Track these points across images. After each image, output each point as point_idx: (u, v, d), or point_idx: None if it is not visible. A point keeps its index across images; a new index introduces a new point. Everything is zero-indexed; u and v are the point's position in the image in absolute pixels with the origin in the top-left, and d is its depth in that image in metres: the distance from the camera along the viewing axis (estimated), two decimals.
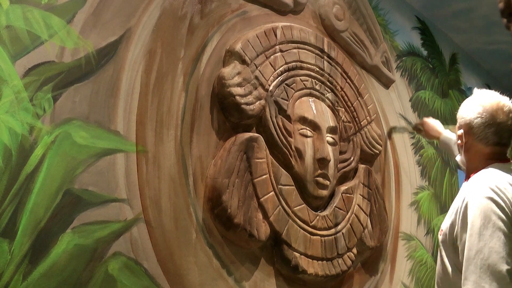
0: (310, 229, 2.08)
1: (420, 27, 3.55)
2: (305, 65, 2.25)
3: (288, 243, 1.98)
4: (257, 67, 2.02)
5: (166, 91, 1.78)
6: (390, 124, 2.91)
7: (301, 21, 2.38)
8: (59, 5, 1.53)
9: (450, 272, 1.72)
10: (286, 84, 2.13)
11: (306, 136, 2.14)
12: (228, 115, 1.94)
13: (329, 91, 2.35)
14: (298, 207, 2.06)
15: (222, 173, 1.83)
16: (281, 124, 2.06)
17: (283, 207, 2.00)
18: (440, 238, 1.80)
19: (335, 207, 2.23)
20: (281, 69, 2.12)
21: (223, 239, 1.84)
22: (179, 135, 1.79)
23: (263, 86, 2.02)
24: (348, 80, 2.48)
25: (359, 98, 2.52)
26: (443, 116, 3.52)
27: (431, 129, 2.60)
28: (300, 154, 2.10)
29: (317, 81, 2.29)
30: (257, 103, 1.97)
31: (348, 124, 2.41)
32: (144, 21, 1.76)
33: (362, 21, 2.74)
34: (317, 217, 2.13)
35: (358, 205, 2.35)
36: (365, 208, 2.38)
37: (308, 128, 2.15)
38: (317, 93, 2.28)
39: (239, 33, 2.06)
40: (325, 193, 2.18)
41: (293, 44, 2.22)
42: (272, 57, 2.10)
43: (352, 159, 2.39)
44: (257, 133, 2.00)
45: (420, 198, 3.05)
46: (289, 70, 2.16)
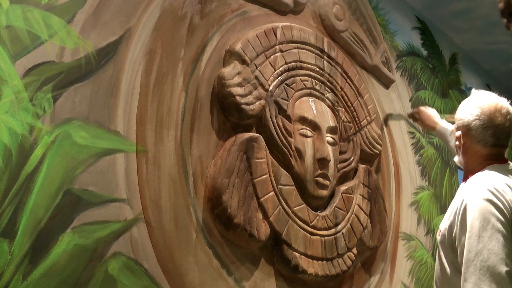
0: (310, 229, 2.08)
1: (420, 27, 3.55)
2: (305, 65, 2.25)
3: (288, 243, 1.98)
4: (257, 67, 2.02)
5: (166, 91, 1.78)
6: (390, 124, 2.91)
7: (301, 21, 2.38)
8: (59, 5, 1.53)
9: (449, 272, 1.73)
10: (286, 84, 2.13)
11: (306, 136, 2.14)
12: (228, 115, 1.94)
13: (329, 91, 2.35)
14: (298, 207, 2.06)
15: (222, 173, 1.83)
16: (281, 124, 2.06)
17: (283, 207, 2.00)
18: (438, 238, 1.81)
19: (335, 207, 2.23)
20: (281, 69, 2.12)
21: (223, 239, 1.84)
22: (179, 135, 1.79)
23: (263, 86, 2.02)
24: (348, 80, 2.48)
25: (359, 98, 2.52)
26: None
27: (427, 119, 2.59)
28: (300, 154, 2.10)
29: (317, 81, 2.29)
30: (257, 103, 1.97)
31: (348, 124, 2.41)
32: (144, 21, 1.76)
33: (362, 21, 2.74)
34: (317, 217, 2.13)
35: (358, 205, 2.35)
36: (365, 208, 2.38)
37: (308, 128, 2.15)
38: (317, 93, 2.28)
39: (239, 33, 2.06)
40: (325, 193, 2.18)
41: (293, 44, 2.22)
42: (272, 57, 2.10)
43: (352, 159, 2.39)
44: (257, 133, 2.00)
45: (420, 198, 3.05)
46: (289, 70, 2.16)
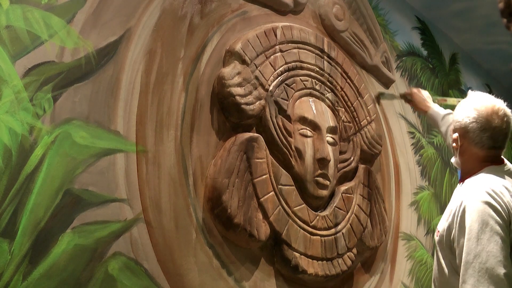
0: (310, 229, 2.08)
1: (420, 27, 3.55)
2: (305, 65, 2.25)
3: (288, 243, 1.98)
4: (257, 67, 2.02)
5: (166, 91, 1.78)
6: (390, 124, 2.91)
7: (301, 21, 2.38)
8: (59, 5, 1.53)
9: (447, 273, 1.74)
10: (286, 84, 2.13)
11: (306, 136, 2.14)
12: (228, 115, 1.94)
13: (329, 91, 2.35)
14: (298, 207, 2.06)
15: (222, 173, 1.83)
16: (281, 124, 2.06)
17: (283, 207, 1.99)
18: (436, 239, 1.81)
19: (335, 207, 2.23)
20: (281, 69, 2.12)
21: (223, 239, 1.84)
22: (179, 135, 1.79)
23: (263, 86, 2.02)
24: (348, 80, 2.48)
25: (359, 98, 2.52)
26: None
27: (419, 102, 2.59)
28: (300, 154, 2.10)
29: (317, 81, 2.29)
30: (257, 103, 1.97)
31: (348, 124, 2.41)
32: (144, 21, 1.76)
33: (362, 21, 2.74)
34: (317, 217, 2.13)
35: (358, 205, 2.35)
36: (365, 208, 2.38)
37: (308, 128, 2.14)
38: (317, 93, 2.27)
39: (239, 33, 2.06)
40: (325, 193, 2.18)
41: (293, 44, 2.22)
42: (272, 57, 2.10)
43: (352, 159, 2.39)
44: (257, 133, 2.00)
45: (420, 198, 3.05)
46: (289, 70, 2.16)
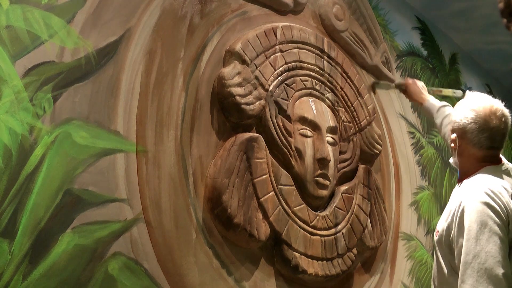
0: (310, 229, 2.08)
1: (420, 27, 3.55)
2: (305, 65, 2.25)
3: (288, 243, 1.98)
4: (257, 67, 2.02)
5: (166, 91, 1.78)
6: (390, 124, 2.91)
7: (301, 21, 2.38)
8: (59, 5, 1.53)
9: (446, 273, 1.75)
10: (286, 84, 2.13)
11: (306, 136, 2.14)
12: (228, 115, 1.94)
13: (329, 91, 2.35)
14: (298, 207, 2.06)
15: (222, 173, 1.83)
16: (281, 124, 2.06)
17: (283, 207, 1.99)
18: (435, 239, 1.82)
19: (335, 207, 2.23)
20: (281, 69, 2.12)
21: (223, 239, 1.84)
22: (179, 135, 1.79)
23: (263, 86, 2.02)
24: (348, 80, 2.48)
25: (359, 98, 2.52)
26: None
27: (415, 93, 2.57)
28: (300, 154, 2.10)
29: (317, 81, 2.29)
30: (257, 103, 1.97)
31: (348, 124, 2.41)
32: (144, 21, 1.76)
33: (362, 21, 2.74)
34: (317, 217, 2.13)
35: (358, 205, 2.35)
36: (365, 208, 2.38)
37: (308, 128, 2.14)
38: (317, 93, 2.27)
39: (239, 33, 2.06)
40: (325, 193, 2.18)
41: (293, 44, 2.22)
42: (272, 57, 2.10)
43: (352, 159, 2.39)
44: (257, 133, 2.00)
45: (420, 198, 3.05)
46: (289, 70, 2.16)
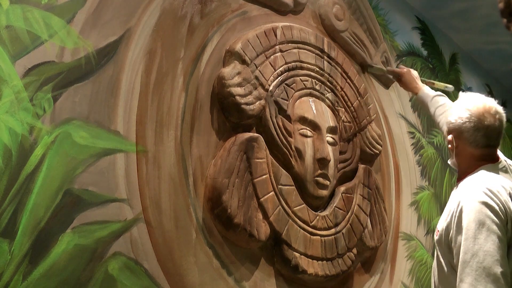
0: (310, 229, 2.08)
1: (420, 27, 3.55)
2: (305, 65, 2.25)
3: (288, 243, 1.98)
4: (257, 67, 2.02)
5: (166, 91, 1.78)
6: (390, 124, 2.91)
7: (301, 21, 2.38)
8: (59, 5, 1.53)
9: (446, 272, 1.75)
10: (286, 84, 2.13)
11: (306, 136, 2.14)
12: (228, 115, 1.94)
13: (329, 91, 2.35)
14: (298, 207, 2.06)
15: (222, 173, 1.83)
16: (281, 124, 2.06)
17: (283, 207, 1.99)
18: (436, 238, 1.83)
19: (335, 207, 2.23)
20: (281, 69, 2.12)
21: (223, 239, 1.84)
22: (179, 135, 1.79)
23: (263, 86, 2.02)
24: (348, 80, 2.48)
25: (359, 98, 2.52)
26: None
27: (409, 83, 2.59)
28: (300, 154, 2.10)
29: (317, 81, 2.29)
30: (257, 103, 1.97)
31: (348, 124, 2.41)
32: (144, 21, 1.76)
33: (362, 21, 2.74)
34: (317, 217, 2.13)
35: (358, 205, 2.35)
36: (365, 208, 2.38)
37: (308, 128, 2.15)
38: (317, 93, 2.27)
39: (239, 33, 2.06)
40: (325, 193, 2.18)
41: (293, 44, 2.22)
42: (272, 57, 2.10)
43: (352, 159, 2.39)
44: (257, 133, 2.00)
45: (420, 198, 3.05)
46: (289, 70, 2.16)
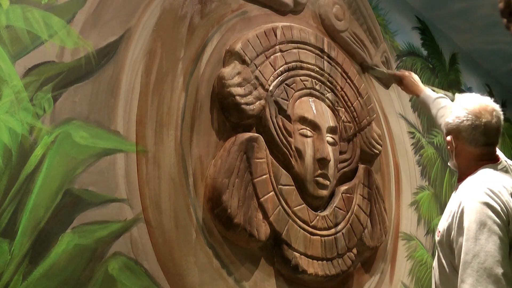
0: (310, 229, 2.08)
1: (420, 27, 3.55)
2: (305, 65, 2.25)
3: (288, 243, 1.98)
4: (257, 67, 2.02)
5: (166, 91, 1.78)
6: (390, 124, 2.91)
7: (301, 21, 2.38)
8: (59, 5, 1.53)
9: (448, 272, 1.75)
10: (286, 84, 2.13)
11: (306, 136, 2.14)
12: (228, 115, 1.94)
13: (329, 91, 2.35)
14: (298, 207, 2.06)
15: (222, 173, 1.83)
16: (281, 124, 2.06)
17: (283, 207, 1.99)
18: (437, 239, 1.82)
19: (335, 207, 2.23)
20: (281, 69, 2.12)
21: (223, 239, 1.84)
22: (179, 135, 1.79)
23: (263, 86, 2.02)
24: (348, 80, 2.48)
25: (359, 98, 2.52)
26: None
27: (411, 85, 2.58)
28: (300, 154, 2.10)
29: (317, 81, 2.29)
30: (257, 103, 1.97)
31: (348, 124, 2.41)
32: (144, 21, 1.76)
33: (362, 21, 2.74)
34: (317, 217, 2.13)
35: (358, 205, 2.35)
36: (365, 208, 2.38)
37: (308, 128, 2.15)
38: (317, 93, 2.27)
39: (239, 33, 2.06)
40: (325, 193, 2.18)
41: (293, 44, 2.22)
42: (272, 57, 2.10)
43: (352, 159, 2.39)
44: (257, 133, 2.00)
45: (420, 198, 3.05)
46: (289, 70, 2.16)
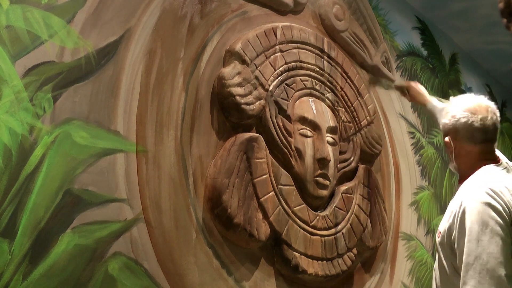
0: (310, 229, 2.08)
1: (420, 27, 3.55)
2: (305, 65, 2.25)
3: (288, 243, 1.98)
4: (257, 67, 2.02)
5: (166, 91, 1.78)
6: (390, 124, 2.91)
7: (301, 21, 2.38)
8: (59, 5, 1.54)
9: (449, 273, 1.73)
10: (286, 84, 2.13)
11: (306, 136, 2.14)
12: (228, 115, 1.94)
13: (329, 91, 2.35)
14: (298, 207, 2.06)
15: (222, 173, 1.83)
16: (281, 124, 2.06)
17: (283, 207, 1.99)
18: (438, 240, 1.81)
19: (335, 207, 2.23)
20: (281, 69, 2.12)
21: (223, 239, 1.84)
22: (179, 135, 1.79)
23: (263, 86, 2.02)
24: (348, 80, 2.48)
25: (359, 98, 2.52)
26: None
27: (417, 94, 2.58)
28: (300, 154, 2.10)
29: (317, 81, 2.29)
30: (257, 103, 1.97)
31: (348, 124, 2.41)
32: (144, 21, 1.76)
33: (362, 21, 2.74)
34: (317, 217, 2.13)
35: (358, 205, 2.35)
36: (365, 208, 2.38)
37: (308, 128, 2.15)
38: (317, 93, 2.27)
39: (239, 33, 2.06)
40: (325, 193, 2.18)
41: (293, 44, 2.22)
42: (272, 57, 2.10)
43: (352, 159, 2.39)
44: (257, 133, 2.00)
45: (420, 198, 3.05)
46: (289, 70, 2.16)
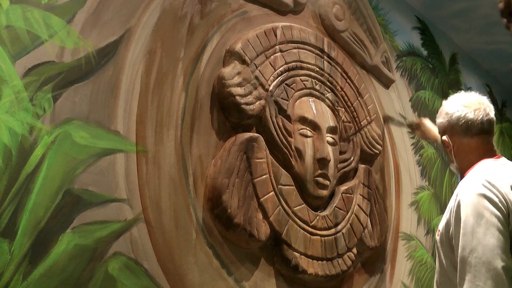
0: (310, 229, 2.08)
1: (420, 27, 3.55)
2: (305, 65, 2.25)
3: (288, 243, 1.98)
4: (257, 67, 2.02)
5: (166, 91, 1.78)
6: (390, 124, 2.91)
7: (301, 21, 2.38)
8: (59, 5, 1.54)
9: (449, 273, 1.72)
10: (286, 84, 2.13)
11: (306, 136, 2.14)
12: (228, 115, 1.94)
13: (329, 91, 2.35)
14: (298, 207, 2.06)
15: (222, 173, 1.83)
16: (281, 124, 2.06)
17: (283, 207, 1.99)
18: (437, 239, 1.80)
19: (335, 207, 2.23)
20: (281, 69, 2.12)
21: (223, 239, 1.84)
22: (179, 135, 1.79)
23: (263, 86, 2.02)
24: (348, 80, 2.48)
25: (359, 98, 2.52)
26: None
27: (428, 131, 2.60)
28: (300, 154, 2.10)
29: (317, 81, 2.29)
30: (257, 103, 1.98)
31: (348, 124, 2.41)
32: (144, 21, 1.76)
33: (362, 21, 2.73)
34: (317, 217, 2.13)
35: (358, 205, 2.35)
36: (365, 208, 2.38)
37: (308, 128, 2.15)
38: (317, 93, 2.28)
39: (239, 33, 2.06)
40: (325, 193, 2.18)
41: (293, 44, 2.22)
42: (272, 57, 2.10)
43: (352, 159, 2.39)
44: (257, 133, 2.00)
45: (420, 198, 3.05)
46: (289, 70, 2.16)
